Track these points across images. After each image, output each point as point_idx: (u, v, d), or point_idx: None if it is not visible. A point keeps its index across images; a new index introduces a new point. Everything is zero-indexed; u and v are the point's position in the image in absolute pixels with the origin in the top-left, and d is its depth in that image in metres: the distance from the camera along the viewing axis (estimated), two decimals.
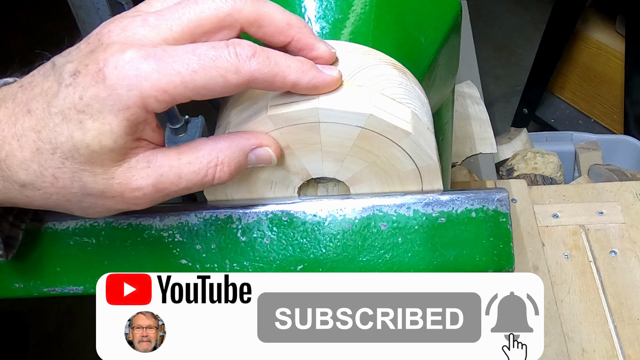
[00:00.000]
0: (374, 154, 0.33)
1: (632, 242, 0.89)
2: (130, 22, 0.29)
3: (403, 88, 0.35)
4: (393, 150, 0.33)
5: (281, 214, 0.35)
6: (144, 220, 0.35)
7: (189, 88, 0.28)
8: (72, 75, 0.28)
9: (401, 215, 0.34)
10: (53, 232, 0.35)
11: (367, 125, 0.32)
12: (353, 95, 0.32)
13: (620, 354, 0.77)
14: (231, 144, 0.32)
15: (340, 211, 0.35)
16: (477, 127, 1.15)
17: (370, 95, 0.32)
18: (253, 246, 0.35)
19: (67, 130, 0.28)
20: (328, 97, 0.31)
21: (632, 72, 1.50)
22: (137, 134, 0.30)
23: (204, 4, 0.30)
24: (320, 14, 0.38)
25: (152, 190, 0.30)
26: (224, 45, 0.29)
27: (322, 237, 0.35)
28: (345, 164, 0.34)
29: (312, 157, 0.34)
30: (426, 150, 0.33)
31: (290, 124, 0.32)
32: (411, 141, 0.33)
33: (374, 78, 0.34)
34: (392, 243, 0.34)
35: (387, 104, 0.32)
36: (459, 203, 0.34)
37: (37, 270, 0.35)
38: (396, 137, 0.32)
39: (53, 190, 0.29)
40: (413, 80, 0.37)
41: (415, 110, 0.34)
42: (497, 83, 2.19)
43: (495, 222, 0.34)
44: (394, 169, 0.34)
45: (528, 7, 2.48)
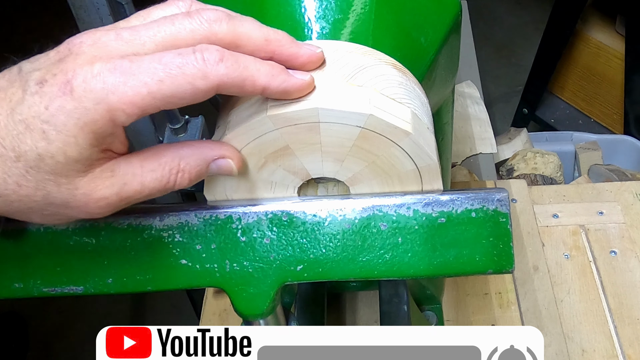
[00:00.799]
0: (374, 154, 0.33)
1: (632, 242, 0.89)
2: (103, 35, 0.29)
3: (403, 88, 0.35)
4: (393, 150, 0.33)
5: (281, 214, 0.35)
6: (144, 220, 0.35)
7: (157, 98, 0.28)
8: (39, 84, 0.28)
9: (401, 215, 0.34)
10: (53, 232, 0.35)
11: (367, 125, 0.32)
12: (353, 95, 0.32)
13: (620, 354, 0.77)
14: (194, 152, 0.31)
15: (340, 211, 0.35)
16: (477, 127, 1.15)
17: (370, 95, 0.32)
18: (253, 246, 0.35)
19: (31, 140, 0.27)
20: (328, 97, 0.31)
21: (632, 72, 1.50)
22: (104, 146, 0.29)
23: (180, 24, 0.30)
24: (320, 14, 0.38)
25: (116, 199, 0.30)
26: (190, 52, 0.28)
27: (322, 237, 0.34)
28: (345, 164, 0.34)
29: (312, 157, 0.34)
30: (426, 150, 0.33)
31: (290, 124, 0.32)
32: (411, 141, 0.33)
33: (374, 78, 0.34)
34: (392, 243, 0.34)
35: (387, 104, 0.32)
36: (459, 203, 0.34)
37: (37, 270, 0.35)
38: (396, 137, 0.32)
39: (15, 197, 0.29)
40: (413, 80, 0.37)
41: (415, 110, 0.34)
42: (497, 83, 2.19)
43: (495, 222, 0.34)
44: (394, 169, 0.34)
45: (528, 7, 2.49)
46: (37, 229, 0.35)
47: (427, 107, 0.38)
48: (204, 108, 0.45)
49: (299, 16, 0.38)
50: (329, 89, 0.32)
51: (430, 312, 0.74)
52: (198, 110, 0.79)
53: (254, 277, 0.34)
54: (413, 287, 0.68)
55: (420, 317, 0.68)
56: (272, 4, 0.39)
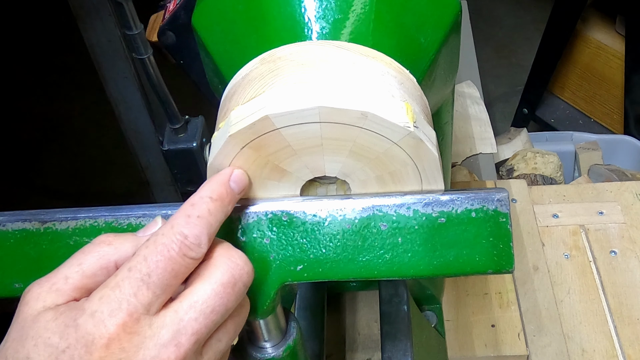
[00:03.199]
0: (374, 154, 0.33)
1: (632, 242, 0.89)
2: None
3: (403, 88, 0.35)
4: (393, 149, 0.33)
5: (281, 214, 0.35)
6: (144, 220, 0.35)
7: None
8: None
9: (401, 215, 0.34)
10: (53, 232, 0.35)
11: (367, 125, 0.32)
12: (353, 95, 0.32)
13: (620, 354, 0.77)
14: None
15: (340, 211, 0.34)
16: (477, 127, 1.15)
17: (371, 94, 0.32)
18: (253, 246, 0.35)
19: None
20: (329, 96, 0.31)
21: (632, 72, 1.50)
22: None
23: None
24: (320, 14, 0.38)
25: None
26: None
27: (322, 237, 0.34)
28: (346, 163, 0.34)
29: (313, 156, 0.34)
30: (426, 150, 0.33)
31: (292, 124, 0.32)
32: (411, 140, 0.33)
33: (374, 78, 0.34)
34: (392, 243, 0.34)
35: (388, 104, 0.32)
36: (459, 203, 0.34)
37: (37, 270, 0.35)
38: (396, 136, 0.32)
39: None
40: (412, 80, 0.37)
41: (415, 110, 0.34)
42: (497, 83, 2.19)
43: (495, 222, 0.34)
44: (394, 169, 0.34)
45: (528, 7, 2.49)
46: (37, 229, 0.35)
47: (426, 107, 0.38)
48: (204, 108, 0.45)
49: (299, 16, 0.38)
50: (329, 88, 0.32)
51: (430, 312, 0.74)
52: (198, 110, 0.79)
53: (253, 277, 0.34)
54: (413, 287, 0.68)
55: (420, 317, 0.68)
56: (272, 4, 0.39)
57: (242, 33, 0.40)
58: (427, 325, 0.70)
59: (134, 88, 1.12)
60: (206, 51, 0.43)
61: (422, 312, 0.74)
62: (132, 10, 0.66)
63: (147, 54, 0.68)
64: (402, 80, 0.36)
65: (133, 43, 0.67)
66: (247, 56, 0.37)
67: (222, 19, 0.42)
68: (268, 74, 0.35)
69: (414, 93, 0.36)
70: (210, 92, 0.48)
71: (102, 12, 0.99)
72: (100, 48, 1.07)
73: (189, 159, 0.77)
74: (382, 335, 0.57)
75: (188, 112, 0.78)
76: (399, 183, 0.35)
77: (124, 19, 0.65)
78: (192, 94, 0.82)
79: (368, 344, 0.65)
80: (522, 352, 0.77)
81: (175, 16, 0.64)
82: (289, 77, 0.33)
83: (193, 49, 0.49)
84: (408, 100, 0.34)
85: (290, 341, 0.39)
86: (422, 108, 0.36)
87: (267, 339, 0.38)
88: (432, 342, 0.69)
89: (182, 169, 0.79)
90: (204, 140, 0.76)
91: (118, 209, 0.35)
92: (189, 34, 0.46)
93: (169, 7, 0.68)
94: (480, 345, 0.78)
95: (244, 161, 0.34)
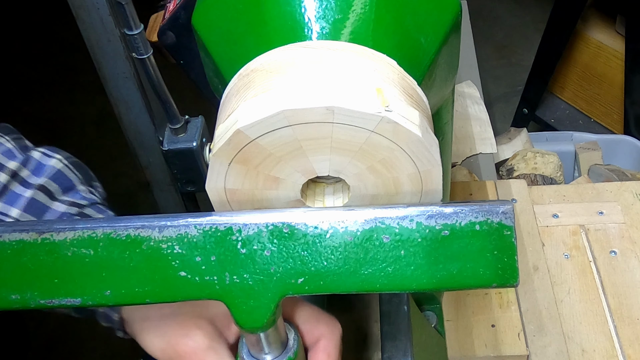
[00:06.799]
0: (356, 146, 0.33)
1: (632, 242, 0.89)
2: None
3: (376, 74, 0.34)
4: (373, 138, 0.33)
5: (282, 226, 0.34)
6: (142, 231, 0.34)
7: None
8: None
9: (404, 228, 0.33)
10: (50, 242, 0.34)
11: (338, 119, 0.31)
12: (316, 92, 0.32)
13: (620, 354, 0.77)
14: None
15: (342, 223, 0.34)
16: (477, 127, 1.15)
17: (336, 88, 0.32)
18: (253, 258, 0.34)
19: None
20: (292, 98, 0.31)
21: (632, 72, 1.50)
22: None
23: None
24: (320, 14, 0.38)
25: None
26: None
27: (324, 249, 0.34)
28: (332, 160, 0.34)
29: (298, 160, 0.34)
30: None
31: (264, 132, 0.32)
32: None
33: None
34: (394, 256, 0.33)
35: (356, 94, 0.32)
36: (463, 216, 0.33)
37: (34, 282, 0.34)
38: (370, 124, 0.32)
39: None
40: (390, 63, 0.37)
41: (391, 93, 0.34)
42: (497, 83, 2.19)
43: (499, 235, 0.33)
44: (382, 156, 0.34)
45: (528, 7, 2.49)
46: (34, 239, 0.34)
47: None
48: (204, 108, 0.45)
49: (299, 16, 0.38)
50: (292, 91, 0.32)
51: (430, 312, 0.74)
52: (198, 110, 0.79)
53: (254, 290, 0.34)
54: None
55: (420, 317, 0.68)
56: (272, 4, 0.39)
57: (242, 33, 0.40)
58: (427, 325, 0.70)
59: (134, 88, 1.11)
60: (206, 51, 0.43)
61: (422, 312, 0.74)
62: (132, 10, 0.66)
63: (147, 54, 0.68)
64: (377, 66, 0.35)
65: (133, 43, 0.67)
66: (247, 56, 0.37)
67: (222, 19, 0.42)
68: (242, 88, 0.35)
69: (390, 76, 0.35)
70: (210, 92, 0.48)
71: (102, 12, 0.99)
72: (100, 48, 1.07)
73: (189, 159, 0.77)
74: (382, 335, 0.57)
75: (188, 112, 0.78)
76: (392, 169, 0.35)
77: (124, 19, 0.65)
78: (192, 94, 0.82)
79: (368, 344, 0.65)
80: (522, 352, 0.77)
81: (175, 16, 0.64)
82: (258, 88, 0.33)
83: (193, 49, 0.49)
84: (381, 85, 0.33)
85: (290, 353, 0.39)
86: (405, 89, 0.35)
87: (268, 351, 0.38)
88: (432, 342, 0.68)
89: (182, 169, 0.79)
90: (204, 140, 0.76)
91: (116, 220, 0.35)
92: (189, 34, 0.46)
93: (169, 7, 0.68)
94: (480, 345, 0.78)
95: (236, 176, 0.34)
